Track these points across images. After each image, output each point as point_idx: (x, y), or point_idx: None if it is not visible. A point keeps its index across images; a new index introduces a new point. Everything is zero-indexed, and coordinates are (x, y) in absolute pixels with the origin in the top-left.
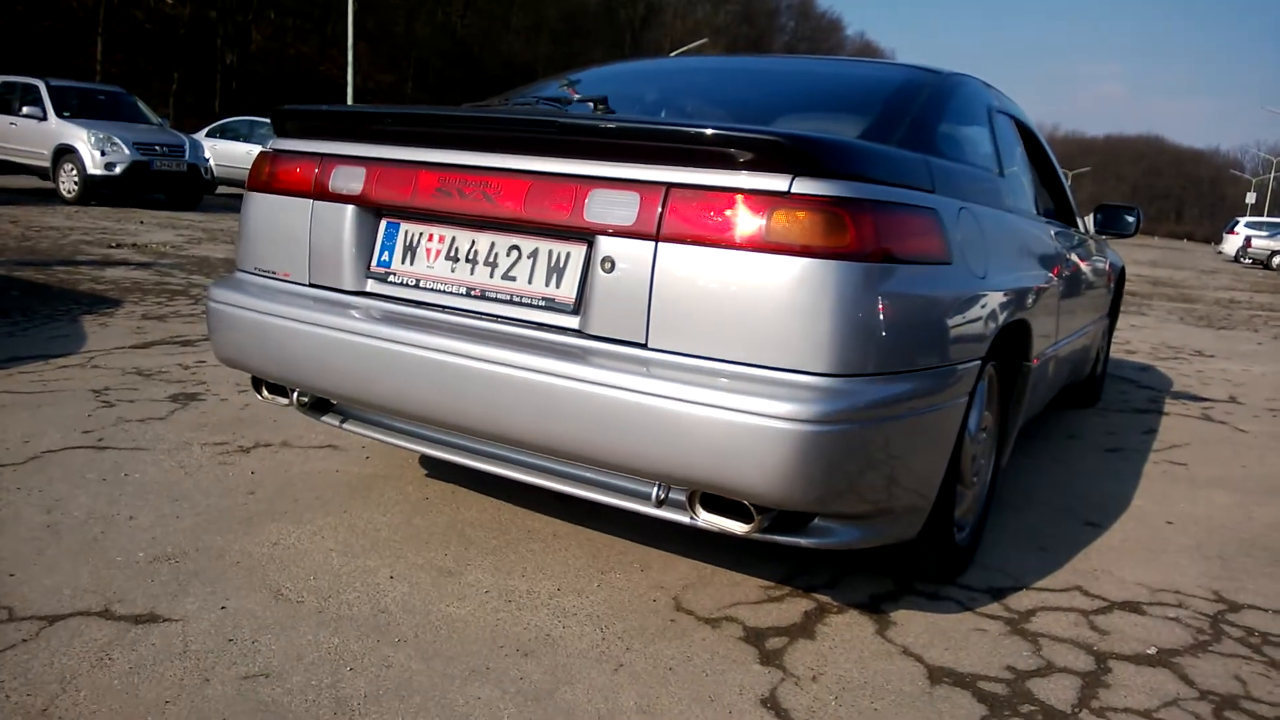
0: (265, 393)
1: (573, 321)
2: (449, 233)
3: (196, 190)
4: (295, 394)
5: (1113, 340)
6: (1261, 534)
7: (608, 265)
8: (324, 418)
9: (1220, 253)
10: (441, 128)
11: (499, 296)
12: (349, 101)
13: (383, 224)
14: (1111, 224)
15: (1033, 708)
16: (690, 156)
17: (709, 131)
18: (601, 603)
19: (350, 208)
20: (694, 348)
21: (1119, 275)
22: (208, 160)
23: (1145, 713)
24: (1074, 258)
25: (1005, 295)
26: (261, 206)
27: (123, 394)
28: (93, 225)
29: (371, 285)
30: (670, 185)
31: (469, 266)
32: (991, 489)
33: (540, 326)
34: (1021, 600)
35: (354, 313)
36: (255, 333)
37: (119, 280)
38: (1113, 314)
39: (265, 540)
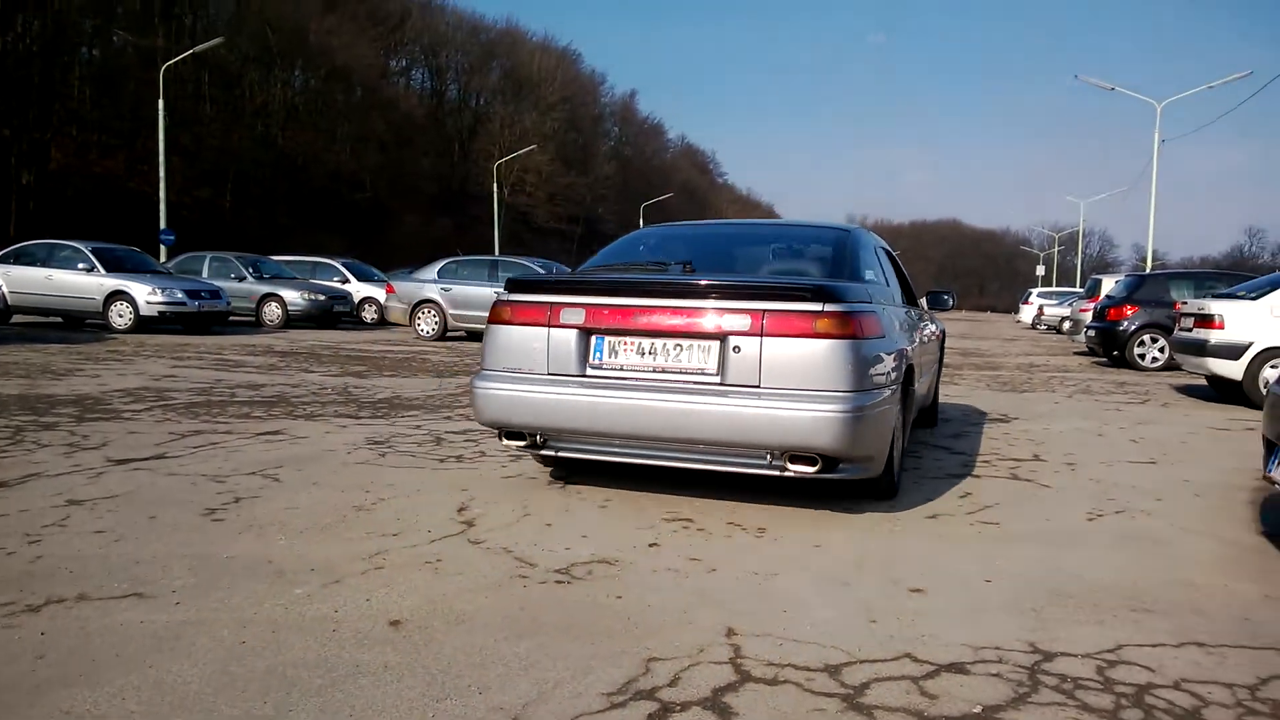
0: (505, 439)
1: (715, 380)
2: (637, 341)
3: None
4: (535, 436)
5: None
6: (1067, 583)
7: (736, 350)
8: (542, 452)
9: (1019, 321)
10: (630, 288)
11: (671, 370)
12: (161, 218)
13: (593, 339)
14: (937, 304)
15: None
16: (775, 296)
17: (785, 286)
18: None
19: (574, 331)
20: (781, 386)
21: (942, 336)
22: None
23: None
24: (921, 327)
25: (904, 352)
26: (506, 332)
27: None
28: None
29: (590, 372)
30: (766, 310)
31: (651, 358)
32: (901, 454)
33: (698, 383)
34: (856, 674)
35: (581, 386)
36: (510, 402)
37: None
38: (940, 362)
39: (55, 710)
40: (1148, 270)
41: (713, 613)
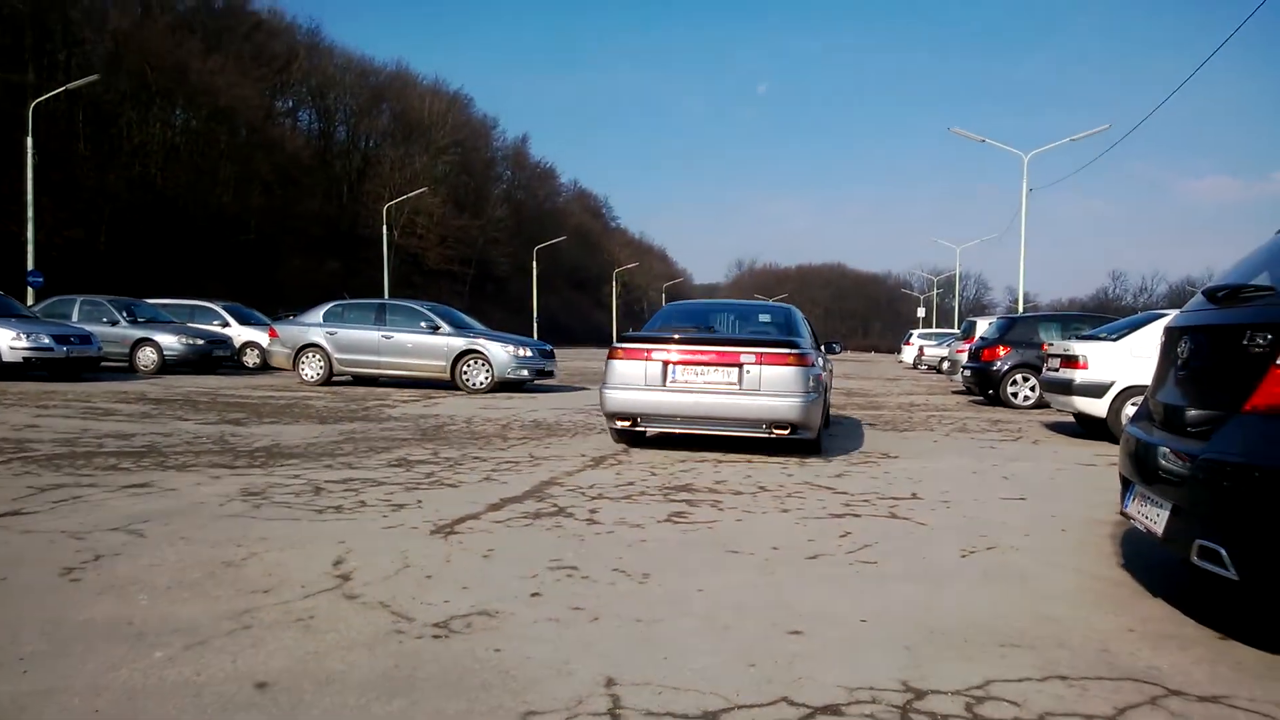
0: (616, 422)
1: (736, 387)
2: (694, 369)
3: None
4: (635, 419)
5: (830, 415)
6: (941, 620)
7: (749, 372)
8: (637, 428)
9: (901, 361)
10: (690, 340)
11: (711, 381)
12: (29, 260)
13: (669, 367)
14: (830, 350)
15: None
16: (768, 344)
17: (774, 338)
18: None
19: (660, 363)
20: (773, 390)
21: (832, 371)
22: None
23: None
24: (826, 364)
25: (822, 376)
26: (621, 364)
27: None
28: None
29: (668, 384)
30: (762, 351)
31: (702, 377)
32: (823, 431)
33: (727, 388)
34: None
35: (664, 392)
36: (625, 400)
37: None
38: (830, 388)
39: None
40: (1019, 312)
41: (593, 662)
